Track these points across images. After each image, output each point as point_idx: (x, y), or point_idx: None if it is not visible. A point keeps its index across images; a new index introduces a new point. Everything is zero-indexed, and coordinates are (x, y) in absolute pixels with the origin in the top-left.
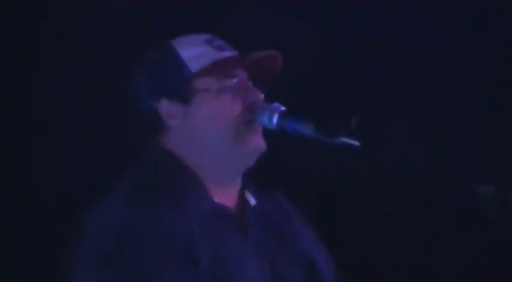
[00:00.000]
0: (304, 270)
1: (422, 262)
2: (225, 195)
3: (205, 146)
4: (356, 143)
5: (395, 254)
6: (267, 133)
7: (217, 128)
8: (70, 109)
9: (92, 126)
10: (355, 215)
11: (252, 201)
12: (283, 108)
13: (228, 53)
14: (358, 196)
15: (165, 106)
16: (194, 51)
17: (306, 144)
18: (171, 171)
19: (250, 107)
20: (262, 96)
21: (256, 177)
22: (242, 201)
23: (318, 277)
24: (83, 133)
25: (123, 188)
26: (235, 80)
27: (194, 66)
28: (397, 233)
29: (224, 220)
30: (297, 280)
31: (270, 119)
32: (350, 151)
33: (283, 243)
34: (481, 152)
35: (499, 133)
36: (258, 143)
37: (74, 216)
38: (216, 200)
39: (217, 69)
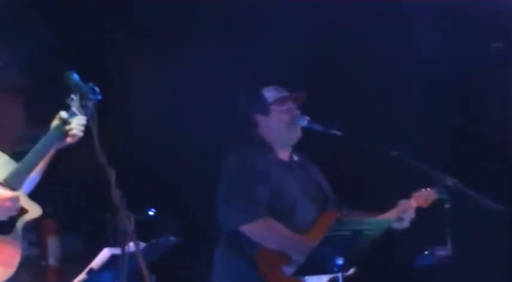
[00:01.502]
0: (318, 190)
1: None
2: (283, 154)
3: (277, 135)
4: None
5: None
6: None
7: (281, 127)
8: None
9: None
10: None
11: (295, 157)
12: (308, 117)
13: (285, 93)
14: None
15: (258, 116)
16: (270, 93)
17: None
18: (260, 144)
19: (294, 117)
20: (299, 112)
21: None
22: (291, 157)
23: (325, 194)
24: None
25: (241, 149)
26: (287, 106)
27: (270, 98)
28: None
29: (282, 165)
30: (314, 194)
31: (303, 122)
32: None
33: (308, 177)
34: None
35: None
36: (298, 133)
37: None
38: (280, 156)
39: (279, 100)
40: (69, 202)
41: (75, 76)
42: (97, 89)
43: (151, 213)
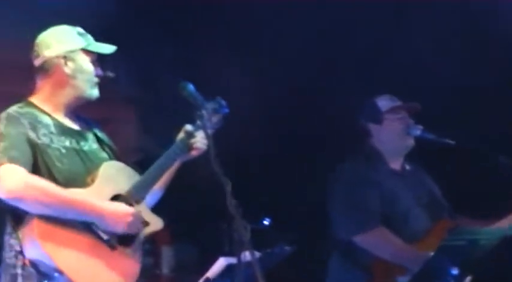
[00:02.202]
0: (431, 198)
1: None
2: (395, 164)
3: (390, 144)
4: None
5: None
6: None
7: (394, 136)
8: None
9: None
10: None
11: (407, 166)
12: (421, 127)
13: (398, 103)
14: None
15: (370, 125)
16: (383, 102)
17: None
18: (372, 153)
19: (407, 126)
20: (412, 121)
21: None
22: (403, 166)
23: (438, 202)
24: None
25: (353, 159)
26: (400, 115)
27: (383, 107)
28: None
29: (393, 174)
30: (427, 203)
31: (416, 131)
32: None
33: (421, 185)
34: None
35: None
36: (411, 142)
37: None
38: (391, 166)
39: (393, 109)
40: (183, 211)
41: (191, 87)
42: (223, 102)
43: (266, 222)
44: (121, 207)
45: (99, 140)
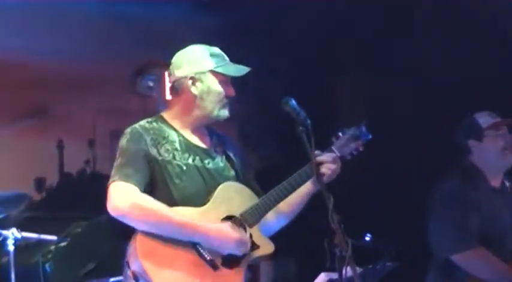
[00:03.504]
0: None
1: None
2: (495, 181)
3: (491, 161)
4: None
5: None
6: None
7: (496, 152)
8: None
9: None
10: None
11: (507, 183)
12: None
13: (497, 119)
14: None
15: (471, 142)
16: (483, 119)
17: None
18: (472, 170)
19: (508, 143)
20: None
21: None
22: (503, 183)
23: None
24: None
25: (452, 176)
26: (501, 131)
27: (484, 124)
28: None
29: (493, 192)
30: None
31: None
32: None
33: None
34: None
35: None
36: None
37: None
38: (491, 183)
39: (494, 125)
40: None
41: (293, 102)
42: (365, 129)
43: (367, 238)
44: (226, 228)
45: (228, 159)
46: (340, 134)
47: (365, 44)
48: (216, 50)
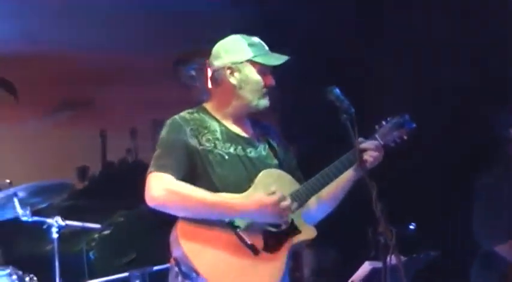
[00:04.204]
0: None
1: None
2: None
3: None
4: None
5: None
6: None
7: None
8: None
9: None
10: None
11: None
12: None
13: None
14: None
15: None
16: None
17: None
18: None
19: None
20: None
21: None
22: None
23: None
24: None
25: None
26: None
27: None
28: None
29: None
30: None
31: None
32: None
33: None
34: None
35: None
36: None
37: None
38: None
39: None
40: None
41: (337, 91)
42: (408, 117)
43: (411, 227)
44: (261, 196)
45: (271, 148)
46: (383, 122)
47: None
48: (255, 39)
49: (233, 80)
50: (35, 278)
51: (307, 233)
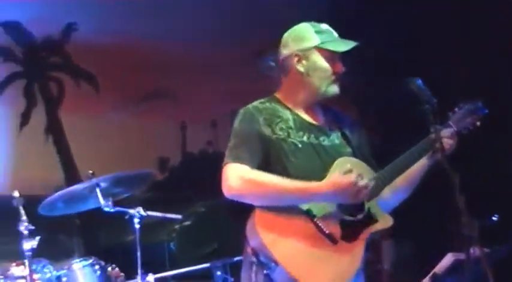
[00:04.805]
0: None
1: None
2: None
3: None
4: None
5: None
6: None
7: None
8: None
9: None
10: None
11: None
12: None
13: None
14: None
15: None
16: None
17: None
18: None
19: None
20: None
21: None
22: None
23: None
24: None
25: None
26: None
27: None
28: None
29: None
30: None
31: None
32: None
33: None
34: None
35: None
36: None
37: None
38: None
39: None
40: (404, 205)
41: (419, 82)
42: (481, 104)
43: (494, 218)
44: (336, 177)
45: (344, 136)
46: (456, 109)
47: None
48: (323, 26)
49: (301, 68)
50: (116, 268)
51: (384, 221)
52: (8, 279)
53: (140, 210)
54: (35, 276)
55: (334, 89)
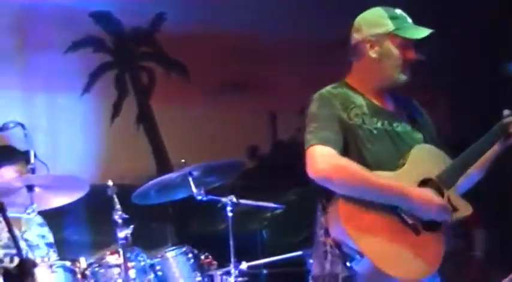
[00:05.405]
0: None
1: None
2: None
3: None
4: None
5: None
6: None
7: None
8: None
9: None
10: None
11: None
12: None
13: None
14: None
15: None
16: None
17: None
18: None
19: None
20: None
21: None
22: None
23: None
24: None
25: None
26: None
27: None
28: None
29: None
30: None
31: None
32: None
33: None
34: None
35: None
36: None
37: None
38: None
39: None
40: (495, 194)
41: None
42: None
43: None
44: (429, 193)
45: (414, 121)
46: None
47: None
48: (398, 11)
49: (373, 54)
50: (210, 257)
51: (464, 210)
52: (102, 268)
53: (233, 199)
54: (129, 264)
55: (406, 76)
